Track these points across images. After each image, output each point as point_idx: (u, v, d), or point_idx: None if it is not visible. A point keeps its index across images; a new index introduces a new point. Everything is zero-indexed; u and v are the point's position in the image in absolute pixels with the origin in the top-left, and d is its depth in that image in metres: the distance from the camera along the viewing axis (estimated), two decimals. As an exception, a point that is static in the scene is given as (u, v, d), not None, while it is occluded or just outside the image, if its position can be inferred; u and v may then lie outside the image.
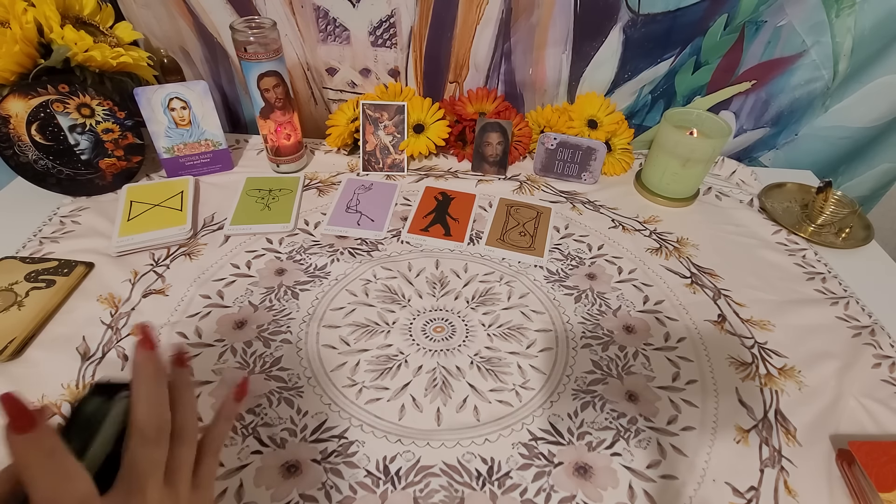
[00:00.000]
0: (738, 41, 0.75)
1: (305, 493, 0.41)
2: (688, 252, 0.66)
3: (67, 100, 0.62)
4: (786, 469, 0.44)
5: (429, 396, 0.49)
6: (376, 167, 0.78)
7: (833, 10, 0.70)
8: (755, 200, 0.76)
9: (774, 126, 0.82)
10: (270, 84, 0.67)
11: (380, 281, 0.60)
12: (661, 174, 0.73)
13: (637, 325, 0.56)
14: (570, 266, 0.63)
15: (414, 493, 0.42)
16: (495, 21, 0.74)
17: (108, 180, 0.69)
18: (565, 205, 0.73)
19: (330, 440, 0.45)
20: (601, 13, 0.72)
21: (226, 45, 0.78)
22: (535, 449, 0.45)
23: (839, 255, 0.67)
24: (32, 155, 0.64)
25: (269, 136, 0.72)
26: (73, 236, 0.63)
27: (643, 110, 0.84)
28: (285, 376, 0.50)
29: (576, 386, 0.50)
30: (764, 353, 0.54)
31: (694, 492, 0.42)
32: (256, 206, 0.69)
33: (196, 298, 0.57)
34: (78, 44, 0.60)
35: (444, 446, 0.45)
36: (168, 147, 0.71)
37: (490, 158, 0.78)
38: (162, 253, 0.62)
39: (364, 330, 0.55)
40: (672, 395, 0.50)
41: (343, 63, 0.80)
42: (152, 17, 0.75)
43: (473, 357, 0.52)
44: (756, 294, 0.61)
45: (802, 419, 0.48)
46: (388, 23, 0.75)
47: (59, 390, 0.47)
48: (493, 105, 0.79)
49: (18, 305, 0.53)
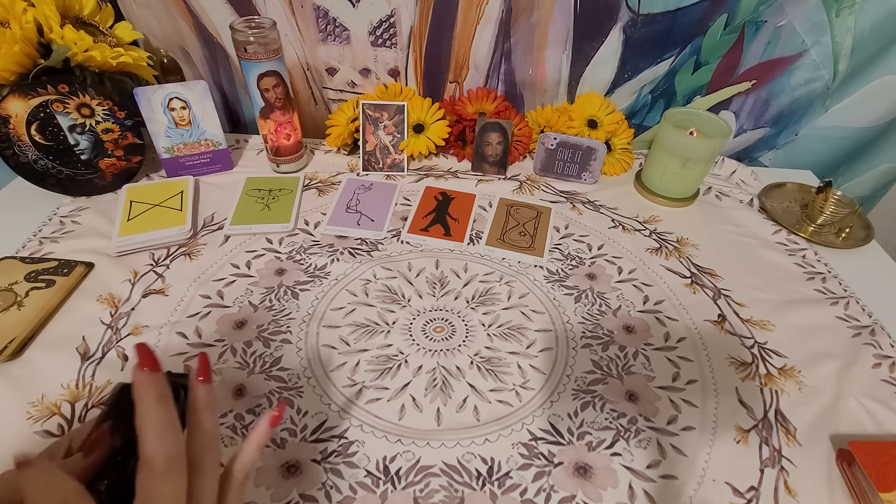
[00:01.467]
0: (738, 41, 0.75)
1: (305, 493, 0.41)
2: (688, 252, 0.66)
3: (67, 100, 0.62)
4: (786, 469, 0.44)
5: (429, 396, 0.49)
6: (376, 167, 0.78)
7: (833, 10, 0.70)
8: (755, 200, 0.76)
9: (774, 126, 0.82)
10: (270, 84, 0.67)
11: (380, 281, 0.60)
12: (661, 174, 0.73)
13: (637, 325, 0.56)
14: (570, 266, 0.63)
15: (414, 493, 0.42)
16: (495, 21, 0.74)
17: (108, 180, 0.69)
18: (565, 205, 0.73)
19: (330, 440, 0.45)
20: (601, 13, 0.72)
21: (226, 45, 0.78)
22: (535, 449, 0.45)
23: (839, 255, 0.67)
24: (32, 155, 0.64)
25: (269, 136, 0.72)
26: (73, 236, 0.63)
27: (643, 110, 0.84)
28: (285, 376, 0.50)
29: (576, 386, 0.50)
30: (764, 353, 0.54)
31: (694, 492, 0.42)
32: (256, 206, 0.69)
33: (196, 298, 0.57)
34: (78, 44, 0.60)
35: (444, 446, 0.45)
36: (168, 147, 0.71)
37: (490, 158, 0.78)
38: (162, 253, 0.62)
39: (364, 330, 0.54)
40: (672, 395, 0.50)
41: (343, 63, 0.80)
42: (152, 17, 0.75)
43: (473, 357, 0.52)
44: (756, 294, 0.61)
45: (802, 419, 0.48)
46: (388, 23, 0.75)
47: (59, 390, 0.47)
48: (493, 105, 0.79)
49: (18, 305, 0.53)
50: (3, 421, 0.44)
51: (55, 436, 0.44)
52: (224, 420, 0.46)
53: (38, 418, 0.45)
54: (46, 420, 0.45)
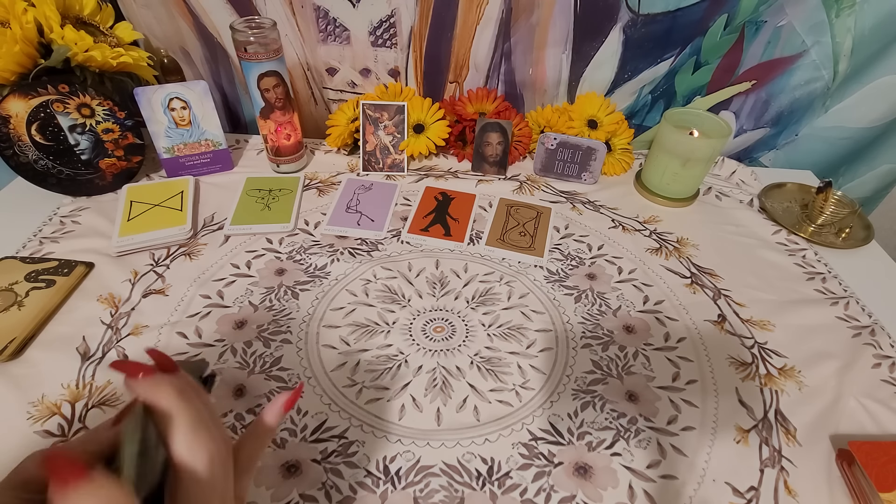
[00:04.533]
0: (738, 41, 0.75)
1: (305, 493, 0.41)
2: (688, 252, 0.66)
3: (67, 100, 0.62)
4: (786, 469, 0.44)
5: (429, 396, 0.49)
6: (376, 167, 0.78)
7: (833, 11, 0.70)
8: (755, 200, 0.76)
9: (774, 126, 0.82)
10: (270, 84, 0.67)
11: (380, 281, 0.60)
12: (661, 174, 0.73)
13: (637, 325, 0.56)
14: (570, 266, 0.63)
15: (414, 493, 0.42)
16: (495, 21, 0.74)
17: (108, 180, 0.69)
18: (565, 205, 0.73)
19: (330, 440, 0.45)
20: (601, 13, 0.72)
21: (226, 45, 0.78)
22: (535, 449, 0.45)
23: (839, 255, 0.67)
24: (32, 155, 0.64)
25: (269, 136, 0.72)
26: (73, 236, 0.63)
27: (643, 110, 0.84)
28: (285, 376, 0.50)
29: (576, 386, 0.50)
30: (764, 353, 0.54)
31: (694, 492, 0.42)
32: (256, 206, 0.69)
33: (196, 298, 0.57)
34: (78, 44, 0.60)
35: (444, 446, 0.45)
36: (168, 147, 0.71)
37: (490, 158, 0.78)
38: (162, 253, 0.62)
39: (364, 330, 0.55)
40: (672, 395, 0.50)
41: (343, 63, 0.80)
42: (152, 17, 0.75)
43: (473, 357, 0.52)
44: (756, 294, 0.61)
45: (802, 419, 0.48)
46: (388, 23, 0.75)
47: (59, 390, 0.47)
48: (493, 105, 0.79)
49: (18, 305, 0.53)
50: (4, 421, 0.44)
51: (55, 436, 0.44)
52: (224, 420, 0.46)
53: (38, 418, 0.45)
54: (46, 420, 0.45)
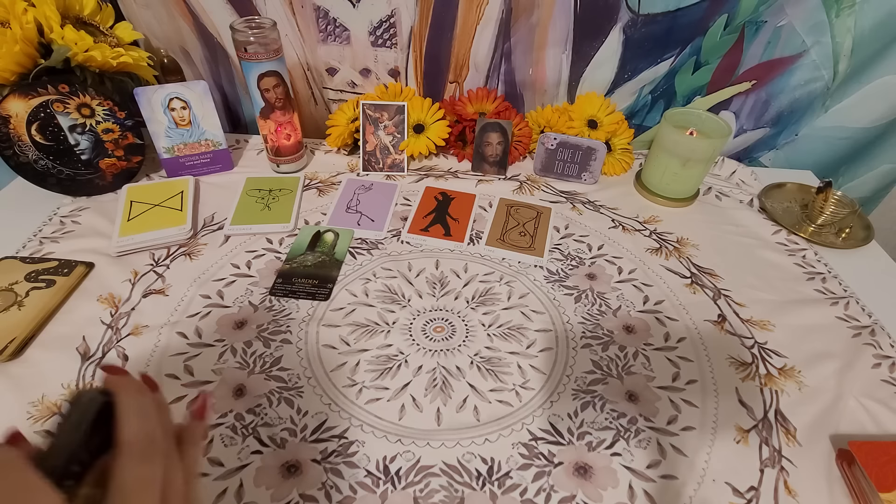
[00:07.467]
0: (738, 41, 0.75)
1: (305, 493, 0.41)
2: (688, 252, 0.66)
3: (67, 100, 0.62)
4: (786, 469, 0.44)
5: (429, 396, 0.49)
6: (376, 167, 0.78)
7: (833, 11, 0.70)
8: (755, 200, 0.76)
9: (774, 126, 0.82)
10: (270, 84, 0.67)
11: (380, 281, 0.60)
12: (661, 174, 0.73)
13: (637, 325, 0.56)
14: (570, 266, 0.63)
15: (414, 493, 0.42)
16: (495, 21, 0.74)
17: (108, 180, 0.69)
18: (565, 205, 0.73)
19: (330, 440, 0.45)
20: (601, 13, 0.72)
21: (226, 45, 0.78)
22: (535, 449, 0.45)
23: (839, 255, 0.67)
24: (32, 155, 0.64)
25: (269, 136, 0.72)
26: (73, 236, 0.63)
27: (643, 110, 0.84)
28: (285, 376, 0.50)
29: (576, 386, 0.50)
30: (764, 353, 0.54)
31: (694, 492, 0.42)
32: (256, 206, 0.69)
33: (196, 298, 0.57)
34: (78, 44, 0.60)
35: (444, 446, 0.45)
36: (168, 147, 0.71)
37: (490, 158, 0.78)
38: (162, 253, 0.62)
39: (364, 330, 0.55)
40: (672, 395, 0.50)
41: (343, 63, 0.80)
42: (152, 17, 0.75)
43: (473, 357, 0.52)
44: (756, 294, 0.61)
45: (802, 419, 0.48)
46: (388, 23, 0.75)
47: (59, 390, 0.47)
48: (493, 105, 0.79)
49: (18, 305, 0.53)
50: (4, 421, 0.44)
51: (55, 436, 0.44)
52: (224, 420, 0.46)
53: (38, 418, 0.45)
54: (47, 420, 0.45)
